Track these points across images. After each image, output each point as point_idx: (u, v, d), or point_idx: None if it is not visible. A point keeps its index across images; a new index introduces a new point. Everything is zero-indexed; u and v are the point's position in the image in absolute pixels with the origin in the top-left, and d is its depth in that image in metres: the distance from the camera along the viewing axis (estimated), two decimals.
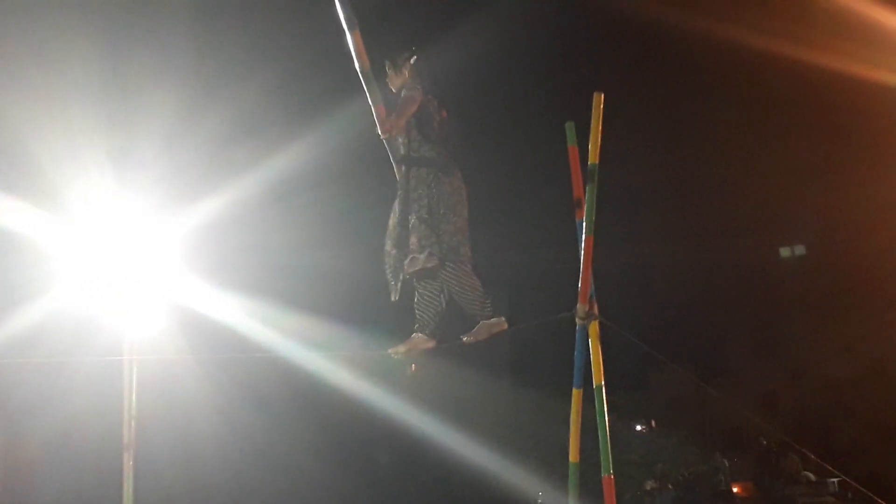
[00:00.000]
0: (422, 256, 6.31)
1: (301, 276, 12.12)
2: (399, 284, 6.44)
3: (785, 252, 15.95)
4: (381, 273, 6.40)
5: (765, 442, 15.77)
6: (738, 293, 15.32)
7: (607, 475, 6.53)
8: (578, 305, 6.60)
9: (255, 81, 13.18)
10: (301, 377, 11.55)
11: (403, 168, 6.45)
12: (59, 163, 11.07)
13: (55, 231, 10.83)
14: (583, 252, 6.55)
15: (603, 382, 6.58)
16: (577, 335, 6.64)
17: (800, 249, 15.81)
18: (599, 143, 6.50)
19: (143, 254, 10.40)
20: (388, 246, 6.48)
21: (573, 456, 6.68)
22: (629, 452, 13.26)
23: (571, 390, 6.66)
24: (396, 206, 6.48)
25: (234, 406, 12.50)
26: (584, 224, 6.54)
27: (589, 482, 6.94)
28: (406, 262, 6.35)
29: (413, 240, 6.35)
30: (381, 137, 6.28)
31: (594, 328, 6.66)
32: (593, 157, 6.54)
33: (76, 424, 12.98)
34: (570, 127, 6.67)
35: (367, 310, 12.37)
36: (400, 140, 6.39)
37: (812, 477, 14.29)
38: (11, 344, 11.73)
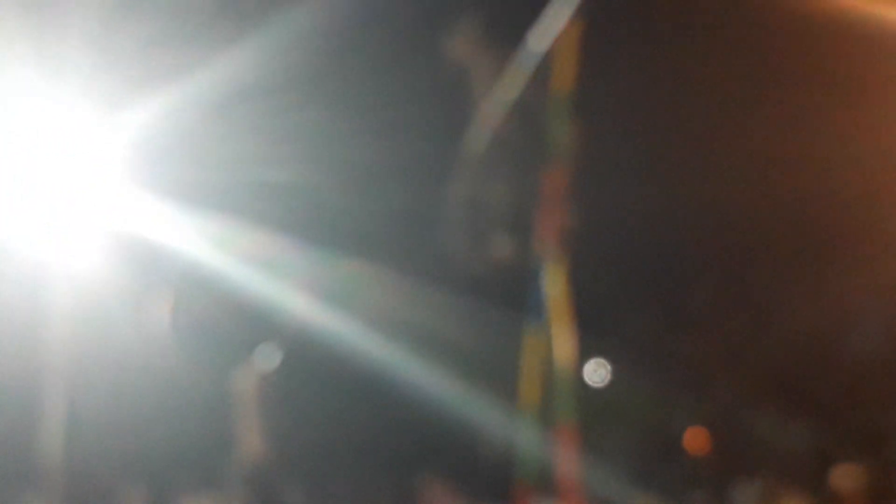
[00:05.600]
0: None
1: (253, 190, 12.01)
2: None
3: None
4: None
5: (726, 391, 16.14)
6: (708, 243, 15.54)
7: (564, 422, 6.65)
8: (541, 245, 6.68)
9: None
10: (246, 300, 11.59)
11: None
12: None
13: None
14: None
15: (566, 323, 6.69)
16: (538, 276, 6.73)
17: None
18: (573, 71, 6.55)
19: (76, 163, 10.22)
20: None
21: (525, 402, 6.84)
22: (591, 398, 13.45)
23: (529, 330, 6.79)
24: None
25: (172, 331, 12.54)
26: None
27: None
28: None
29: None
30: None
31: (557, 269, 6.74)
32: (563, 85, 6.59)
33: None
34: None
35: (320, 226, 12.33)
36: None
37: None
38: None
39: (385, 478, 11.40)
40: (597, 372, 16.79)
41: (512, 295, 7.20)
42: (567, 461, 6.62)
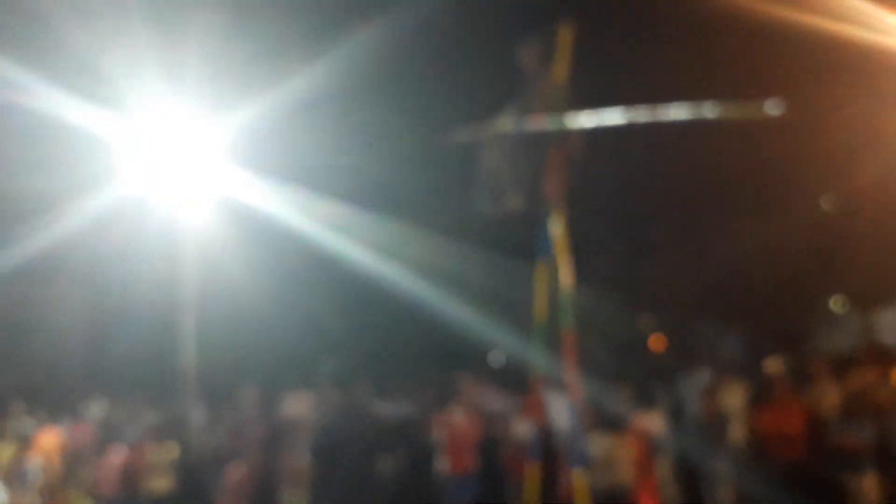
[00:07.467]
0: None
1: (326, 170, 12.20)
2: None
3: None
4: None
5: (677, 305, 16.40)
6: (662, 200, 15.78)
7: (566, 328, 6.94)
8: (548, 201, 7.01)
9: None
10: (324, 251, 11.84)
11: None
12: (120, 68, 10.69)
13: (119, 129, 10.72)
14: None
15: (565, 256, 7.00)
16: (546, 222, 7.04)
17: None
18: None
19: (194, 149, 10.43)
20: None
21: (539, 316, 7.13)
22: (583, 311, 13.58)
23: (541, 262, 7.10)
24: None
25: (273, 276, 12.79)
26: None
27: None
28: None
29: None
30: None
31: (558, 217, 7.06)
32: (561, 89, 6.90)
33: (146, 289, 12.98)
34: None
35: (376, 197, 12.50)
36: None
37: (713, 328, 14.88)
38: (83, 224, 11.90)
39: (434, 374, 11.66)
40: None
41: (528, 236, 7.51)
42: (568, 357, 6.95)
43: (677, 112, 6.73)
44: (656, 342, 16.76)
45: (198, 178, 10.62)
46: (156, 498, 10.15)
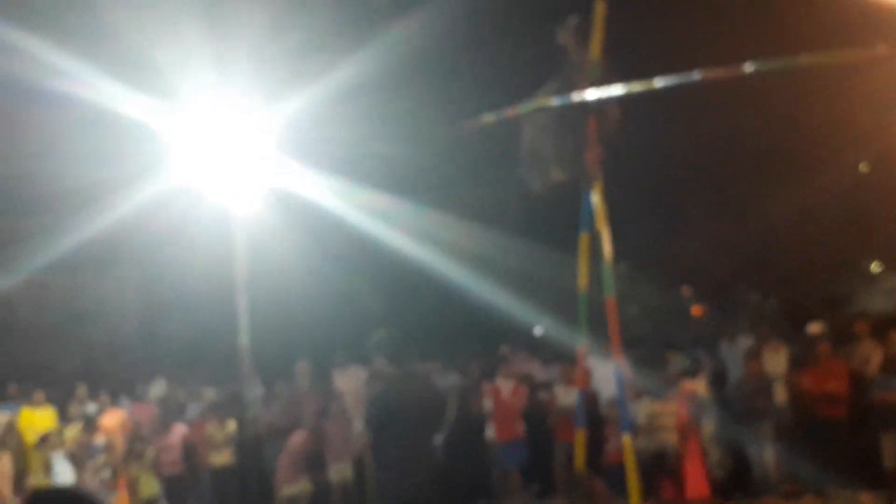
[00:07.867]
0: None
1: (368, 159, 12.39)
2: None
3: None
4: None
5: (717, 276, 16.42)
6: (696, 164, 15.77)
7: (609, 296, 7.03)
8: (590, 174, 7.12)
9: None
10: (368, 238, 12.06)
11: None
12: (172, 60, 10.86)
13: (172, 119, 10.91)
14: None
15: (606, 227, 7.10)
16: (588, 195, 7.17)
17: None
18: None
19: (245, 139, 10.59)
20: None
21: (582, 286, 7.24)
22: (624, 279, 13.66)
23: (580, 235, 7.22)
24: None
25: (319, 260, 13.03)
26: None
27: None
28: None
29: None
30: None
31: (599, 188, 7.17)
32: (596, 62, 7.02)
33: (199, 274, 13.21)
34: None
35: (414, 184, 12.67)
36: None
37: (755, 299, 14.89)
38: (137, 213, 12.20)
39: (482, 347, 11.83)
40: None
41: (567, 210, 7.62)
42: (612, 326, 7.03)
43: (746, 67, 6.61)
44: (698, 309, 16.83)
45: (248, 167, 10.77)
46: (217, 472, 10.50)
